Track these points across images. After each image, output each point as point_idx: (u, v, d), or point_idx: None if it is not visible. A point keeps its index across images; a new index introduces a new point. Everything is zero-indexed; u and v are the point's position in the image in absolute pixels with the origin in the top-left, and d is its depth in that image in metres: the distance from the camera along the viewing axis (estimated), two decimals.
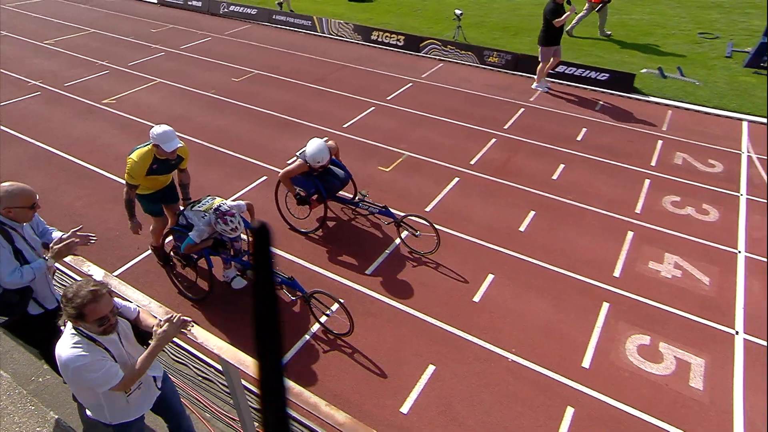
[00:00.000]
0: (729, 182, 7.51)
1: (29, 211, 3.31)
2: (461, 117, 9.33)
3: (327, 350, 4.79)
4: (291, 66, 11.70)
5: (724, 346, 4.89)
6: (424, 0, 16.97)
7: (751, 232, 6.48)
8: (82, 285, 2.50)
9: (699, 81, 10.76)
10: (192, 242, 4.72)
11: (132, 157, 4.79)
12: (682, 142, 8.61)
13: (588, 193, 7.15)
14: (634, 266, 5.87)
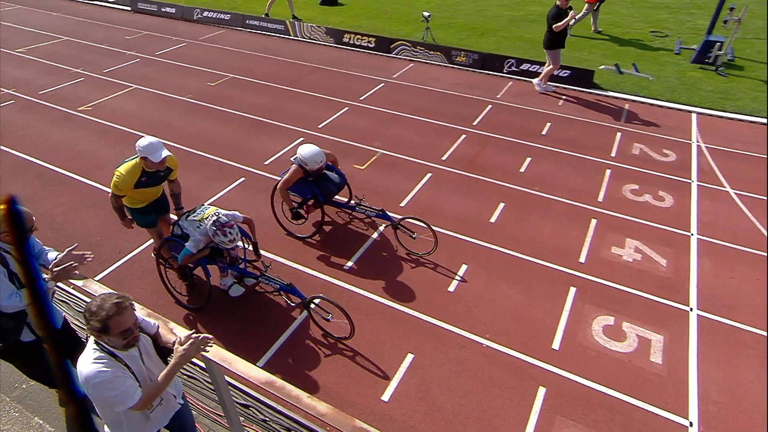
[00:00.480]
0: (681, 170, 7.74)
1: (27, 234, 3.18)
2: (432, 115, 9.38)
3: (309, 345, 4.78)
4: (266, 69, 11.56)
5: (679, 323, 5.07)
6: (394, 3, 16.96)
7: (702, 216, 6.69)
8: (105, 298, 2.41)
9: (652, 76, 11.03)
10: (189, 253, 4.58)
11: (119, 171, 4.58)
12: (639, 134, 8.83)
13: (553, 184, 7.28)
14: (598, 252, 6.01)
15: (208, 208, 4.82)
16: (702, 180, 7.50)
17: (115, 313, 2.37)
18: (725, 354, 4.75)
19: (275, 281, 4.86)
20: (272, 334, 4.87)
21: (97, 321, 2.36)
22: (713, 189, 7.28)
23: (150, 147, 4.47)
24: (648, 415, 4.18)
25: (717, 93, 10.23)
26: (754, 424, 4.14)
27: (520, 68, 11.19)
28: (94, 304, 2.39)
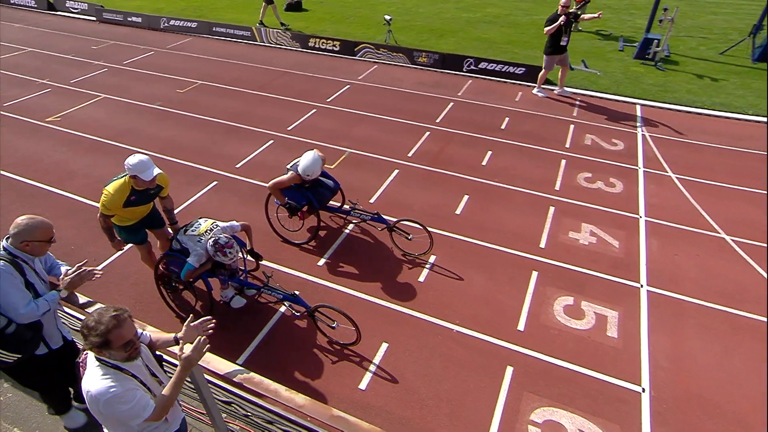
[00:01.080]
0: (629, 158, 7.99)
1: (46, 245, 3.05)
2: (397, 113, 9.39)
3: (287, 340, 4.74)
4: (234, 75, 11.34)
5: (632, 299, 5.24)
6: (356, 8, 16.87)
7: (649, 199, 6.93)
8: (102, 312, 2.28)
9: (600, 71, 11.33)
10: (192, 268, 4.35)
11: (108, 190, 4.27)
12: (590, 125, 9.06)
13: (513, 176, 7.40)
14: (556, 237, 6.15)
15: (206, 221, 4.59)
16: (647, 166, 7.76)
17: (114, 326, 2.25)
18: (672, 324, 4.95)
19: (279, 291, 4.66)
20: (251, 331, 4.81)
21: (97, 336, 2.23)
22: (657, 174, 7.54)
23: (140, 165, 4.16)
24: (606, 385, 4.32)
25: (657, 86, 10.58)
26: (697, 384, 4.34)
27: (479, 67, 11.31)
28: (91, 320, 2.26)
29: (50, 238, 3.04)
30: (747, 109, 9.54)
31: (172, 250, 4.61)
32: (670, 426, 4.01)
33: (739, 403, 4.20)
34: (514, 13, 16.20)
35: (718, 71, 11.32)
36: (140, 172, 4.18)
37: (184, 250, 4.49)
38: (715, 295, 5.29)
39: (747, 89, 10.35)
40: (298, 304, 4.61)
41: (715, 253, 5.92)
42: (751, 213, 6.64)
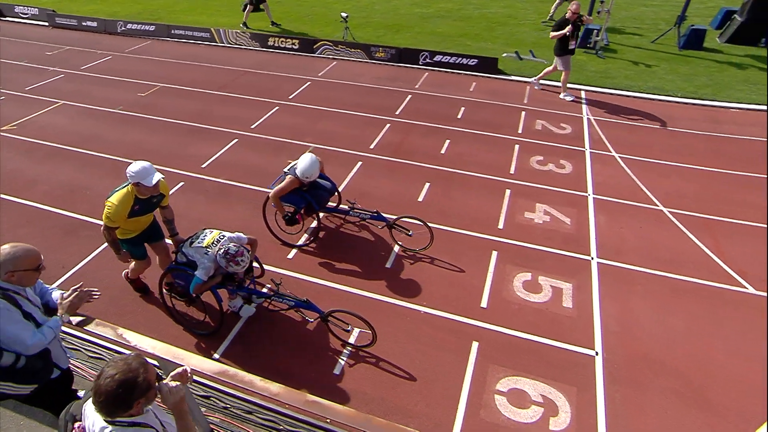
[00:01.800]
0: (576, 140, 8.20)
1: (34, 274, 2.74)
2: (358, 108, 9.31)
3: (262, 332, 4.66)
4: (195, 76, 10.95)
5: (584, 271, 5.41)
6: (312, 6, 16.54)
7: (595, 178, 7.15)
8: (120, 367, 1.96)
9: (547, 61, 11.51)
10: (200, 281, 4.09)
11: (111, 201, 4.03)
12: (540, 112, 9.23)
13: (471, 162, 7.48)
14: (513, 218, 6.26)
15: (211, 232, 4.31)
16: (593, 147, 7.99)
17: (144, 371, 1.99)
18: (620, 292, 5.14)
19: (290, 298, 4.44)
20: (226, 325, 4.70)
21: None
22: (602, 154, 7.78)
23: (143, 171, 3.93)
24: (564, 352, 4.46)
25: (598, 73, 10.88)
26: (643, 345, 4.54)
27: (434, 60, 11.34)
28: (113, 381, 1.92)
29: (38, 266, 2.74)
30: (677, 92, 9.94)
31: (177, 263, 4.32)
32: (620, 384, 4.18)
33: (680, 359, 4.42)
34: (465, 8, 16.27)
35: (651, 58, 11.73)
36: (143, 179, 3.95)
37: (191, 263, 4.21)
38: (656, 262, 5.53)
39: (675, 74, 10.78)
40: (311, 310, 4.41)
41: (655, 224, 6.17)
42: (685, 186, 6.94)
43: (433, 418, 3.92)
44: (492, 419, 3.91)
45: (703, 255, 5.65)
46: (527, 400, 4.04)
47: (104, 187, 6.79)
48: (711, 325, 4.76)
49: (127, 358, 2.01)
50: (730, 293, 5.14)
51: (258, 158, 7.56)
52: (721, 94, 9.83)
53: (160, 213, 4.53)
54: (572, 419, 3.91)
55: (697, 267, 5.47)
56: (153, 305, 4.93)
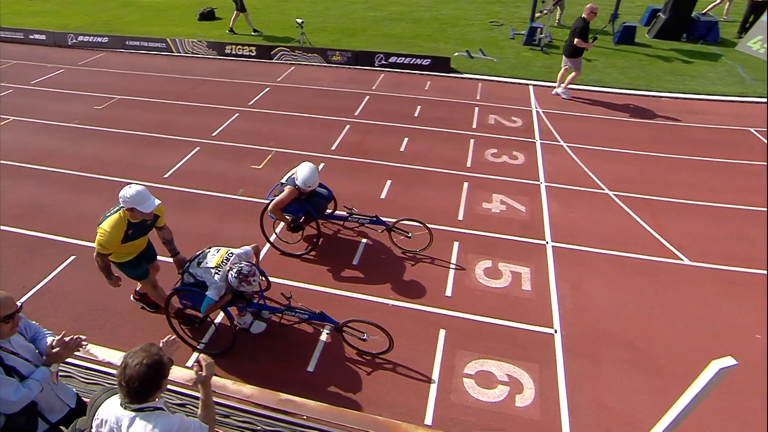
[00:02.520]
0: (527, 132, 8.41)
1: (4, 326, 2.40)
2: (317, 110, 9.21)
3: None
4: (153, 87, 10.53)
5: (540, 255, 5.56)
6: (269, 13, 16.22)
7: (546, 167, 7.35)
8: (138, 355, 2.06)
9: (496, 58, 11.77)
10: (212, 302, 3.86)
11: (103, 228, 3.76)
12: (492, 107, 9.41)
13: (429, 158, 7.54)
14: (472, 209, 6.36)
15: (217, 250, 4.05)
16: (543, 138, 8.21)
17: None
18: (573, 272, 5.32)
19: (303, 311, 4.25)
20: (201, 330, 4.57)
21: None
22: (552, 144, 8.01)
23: (138, 197, 3.67)
24: (525, 332, 4.57)
25: (544, 68, 11.18)
26: (597, 319, 4.72)
27: (389, 61, 11.36)
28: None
29: (12, 314, 2.42)
30: (614, 83, 10.36)
31: (184, 283, 4.09)
32: (578, 357, 4.33)
33: (629, 329, 4.62)
34: (417, 10, 16.37)
35: (591, 53, 12.08)
36: (138, 204, 3.69)
37: (199, 283, 3.98)
38: (605, 242, 5.75)
39: (613, 67, 11.23)
40: (325, 322, 4.24)
41: (602, 207, 6.41)
42: (627, 171, 7.24)
43: (406, 405, 3.93)
44: (462, 402, 3.96)
45: (645, 233, 5.91)
46: (494, 381, 4.12)
47: (64, 202, 6.47)
48: (654, 296, 5.00)
49: (144, 346, 2.08)
50: (669, 266, 5.41)
51: (221, 165, 7.36)
52: (653, 84, 10.31)
53: (158, 234, 4.26)
54: (536, 394, 4.01)
55: (640, 244, 5.72)
56: (117, 319, 4.73)
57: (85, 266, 5.36)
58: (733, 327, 4.65)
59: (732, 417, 3.86)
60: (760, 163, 7.43)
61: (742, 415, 3.88)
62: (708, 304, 4.91)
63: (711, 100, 9.66)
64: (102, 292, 4.99)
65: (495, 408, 3.91)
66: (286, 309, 4.27)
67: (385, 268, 5.35)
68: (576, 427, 3.77)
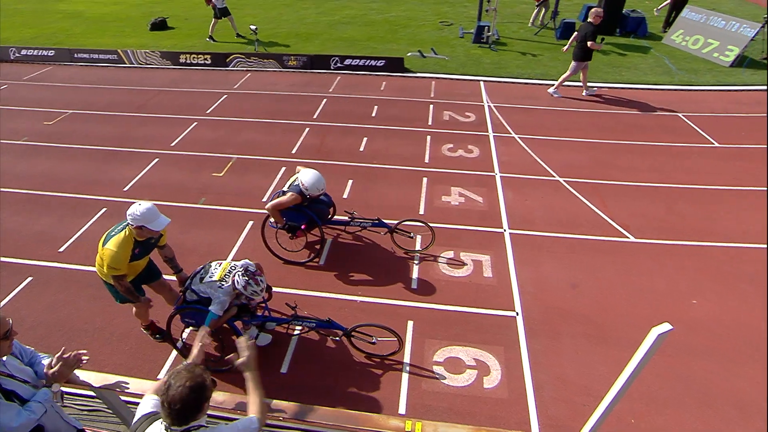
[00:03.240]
0: (481, 126, 8.56)
1: (3, 343, 2.23)
2: (276, 115, 9.05)
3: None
4: (107, 99, 10.01)
5: (499, 242, 5.68)
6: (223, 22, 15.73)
7: (500, 158, 7.51)
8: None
9: (447, 57, 11.92)
10: (216, 317, 3.66)
11: (110, 248, 3.53)
12: (446, 103, 9.52)
13: (388, 156, 7.55)
14: (432, 203, 6.41)
15: (219, 264, 3.86)
16: (496, 131, 8.38)
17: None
18: (530, 256, 5.46)
19: (310, 320, 4.14)
20: (160, 346, 4.40)
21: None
22: (504, 137, 8.19)
23: (149, 214, 3.47)
24: (490, 317, 4.66)
25: (493, 64, 11.42)
26: (554, 299, 4.86)
27: (344, 63, 11.29)
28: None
29: (6, 332, 2.25)
30: (559, 76, 10.66)
31: (187, 301, 3.85)
32: (539, 336, 4.45)
33: (585, 305, 4.79)
34: (368, 14, 16.35)
35: (536, 48, 12.52)
36: (149, 222, 3.49)
37: (203, 300, 3.77)
38: (558, 225, 5.93)
39: (557, 61, 11.59)
40: (334, 329, 4.15)
41: (553, 193, 6.61)
42: (575, 157, 7.50)
43: (380, 397, 3.93)
44: (433, 389, 3.99)
45: (594, 215, 6.14)
46: (462, 366, 4.18)
47: (16, 223, 6.07)
48: (605, 272, 5.20)
49: (188, 366, 2.02)
50: (616, 243, 5.65)
51: (181, 175, 7.11)
52: (594, 76, 10.70)
53: (159, 252, 4.05)
54: (502, 375, 4.10)
55: (590, 225, 5.94)
56: (84, 338, 4.49)
57: (44, 287, 5.08)
58: (674, 295, 4.91)
59: (676, 376, 4.09)
60: (689, 145, 7.88)
61: (685, 373, 4.11)
62: (652, 276, 5.16)
63: (644, 89, 10.15)
64: (64, 312, 4.74)
65: (465, 392, 3.97)
66: (293, 319, 4.16)
67: (351, 266, 5.32)
68: (541, 403, 3.88)
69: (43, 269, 5.31)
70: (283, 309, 4.51)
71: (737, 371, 4.13)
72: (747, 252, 5.50)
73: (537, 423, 3.74)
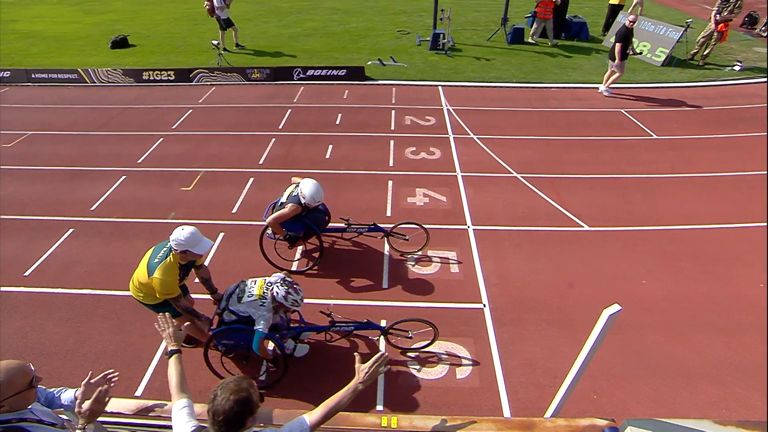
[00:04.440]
0: (441, 129, 8.66)
1: (30, 392, 1.98)
2: (242, 128, 8.86)
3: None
4: (69, 119, 9.51)
5: (463, 238, 5.75)
6: (184, 37, 15.35)
7: (461, 158, 7.61)
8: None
9: (406, 64, 12.01)
10: (263, 334, 3.55)
11: (159, 277, 3.45)
12: (407, 108, 9.57)
13: (354, 162, 7.52)
14: (398, 204, 6.42)
15: (254, 281, 3.75)
16: (455, 133, 8.49)
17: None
18: (494, 250, 5.55)
19: (349, 324, 4.09)
20: (143, 361, 4.22)
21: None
22: (463, 137, 8.31)
23: (192, 238, 3.43)
24: (458, 311, 4.71)
25: (450, 69, 11.59)
26: (518, 289, 4.96)
27: (307, 74, 11.19)
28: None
29: (31, 381, 1.99)
30: (512, 78, 10.99)
31: (225, 322, 3.71)
32: (506, 326, 4.53)
33: (547, 293, 4.91)
34: (329, 25, 16.29)
35: (489, 53, 12.79)
36: (193, 246, 3.45)
37: (243, 319, 3.65)
38: (518, 219, 6.06)
39: (509, 64, 11.89)
40: (372, 329, 4.10)
41: (512, 188, 6.76)
42: (530, 155, 7.69)
43: (358, 396, 3.88)
44: (408, 383, 3.99)
45: (550, 207, 6.31)
46: (435, 360, 4.20)
47: None
48: (564, 261, 5.35)
49: (237, 378, 1.97)
50: (573, 233, 5.83)
51: (150, 191, 6.85)
52: (544, 77, 11.05)
53: (196, 273, 3.96)
54: (474, 365, 4.14)
55: (547, 217, 6.10)
56: (54, 361, 4.24)
57: (11, 312, 4.79)
58: (626, 277, 5.11)
59: (631, 351, 4.25)
60: (632, 138, 8.23)
61: (639, 348, 4.29)
62: (606, 261, 5.35)
63: (589, 87, 10.54)
64: (33, 337, 4.48)
65: (439, 384, 3.99)
66: (332, 325, 4.08)
67: (322, 270, 5.26)
68: (511, 388, 3.95)
69: (9, 295, 5.01)
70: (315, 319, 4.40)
71: (682, 341, 4.34)
72: (685, 233, 5.79)
73: (508, 407, 3.80)
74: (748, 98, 9.90)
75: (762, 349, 4.24)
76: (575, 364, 2.48)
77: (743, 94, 10.08)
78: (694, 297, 4.84)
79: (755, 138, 8.19)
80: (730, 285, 4.99)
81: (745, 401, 3.82)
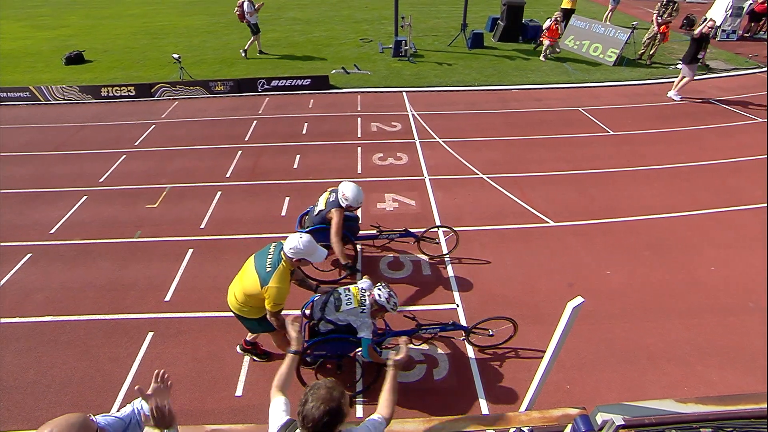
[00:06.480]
0: (407, 134, 8.73)
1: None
2: (207, 141, 8.65)
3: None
4: (22, 139, 9.04)
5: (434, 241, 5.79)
6: (144, 51, 14.90)
7: (428, 162, 7.68)
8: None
9: (370, 71, 12.07)
10: (370, 341, 3.50)
11: (276, 285, 3.30)
12: (373, 115, 9.61)
13: (323, 170, 7.47)
14: (368, 210, 6.38)
15: (346, 289, 3.69)
16: (421, 137, 8.58)
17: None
18: (464, 250, 5.59)
19: (435, 326, 4.08)
20: (115, 378, 4.02)
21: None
22: (429, 141, 8.41)
23: (311, 246, 3.36)
24: (433, 312, 4.68)
25: (413, 75, 11.73)
26: (489, 287, 5.02)
27: (271, 85, 11.07)
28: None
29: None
30: (473, 82, 11.22)
31: (322, 333, 3.61)
32: None
33: (517, 289, 5.00)
34: (291, 35, 16.20)
35: (450, 58, 13.03)
36: (310, 255, 3.39)
37: (340, 328, 3.57)
38: (486, 219, 6.17)
39: (470, 68, 12.15)
40: (456, 329, 4.17)
41: (479, 189, 6.87)
42: (494, 155, 7.85)
43: None
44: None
45: (516, 205, 6.46)
46: (412, 362, 4.19)
47: None
48: (531, 256, 5.48)
49: (329, 384, 1.93)
50: (539, 229, 5.97)
51: (113, 210, 6.58)
52: (504, 79, 11.35)
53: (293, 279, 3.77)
54: (450, 365, 4.16)
55: (514, 215, 6.23)
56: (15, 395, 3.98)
57: None
58: (591, 269, 5.27)
59: (600, 340, 4.38)
60: (590, 135, 8.55)
61: (607, 337, 4.42)
62: (572, 254, 5.51)
63: (547, 88, 10.90)
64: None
65: (417, 386, 3.98)
66: (419, 328, 4.07)
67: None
68: (488, 385, 3.99)
69: None
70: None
71: (647, 327, 4.51)
72: (643, 223, 6.04)
73: (486, 405, 3.83)
74: (693, 93, 10.48)
75: (719, 330, 4.46)
76: (545, 356, 2.53)
77: (688, 90, 10.66)
78: (654, 284, 5.05)
79: (698, 131, 8.68)
80: (686, 271, 5.24)
81: (705, 378, 4.01)
